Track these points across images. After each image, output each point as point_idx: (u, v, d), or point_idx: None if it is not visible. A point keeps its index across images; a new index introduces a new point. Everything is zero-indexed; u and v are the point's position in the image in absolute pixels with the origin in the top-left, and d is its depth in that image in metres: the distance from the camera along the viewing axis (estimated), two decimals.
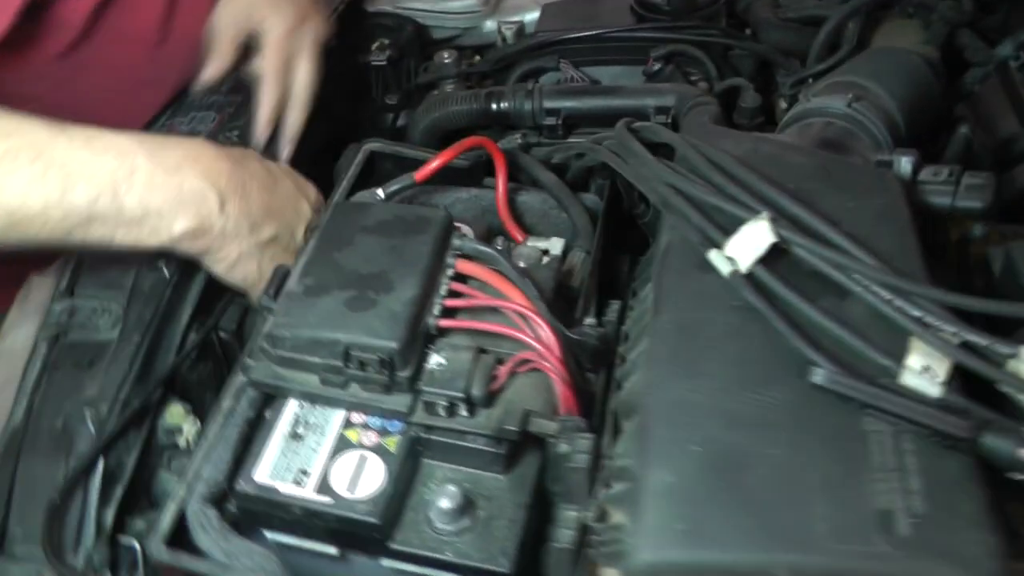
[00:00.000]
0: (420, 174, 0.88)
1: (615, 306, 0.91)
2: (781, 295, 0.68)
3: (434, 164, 0.88)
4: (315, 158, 1.17)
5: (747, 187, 0.74)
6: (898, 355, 0.64)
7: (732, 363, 0.66)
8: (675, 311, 0.70)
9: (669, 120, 1.02)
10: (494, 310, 0.77)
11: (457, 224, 0.87)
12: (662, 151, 0.84)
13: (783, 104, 1.09)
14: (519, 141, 1.09)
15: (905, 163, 0.82)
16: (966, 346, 0.63)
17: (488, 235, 0.91)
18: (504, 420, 0.71)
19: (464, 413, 0.72)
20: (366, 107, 1.26)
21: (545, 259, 0.87)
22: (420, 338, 0.73)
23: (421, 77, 1.21)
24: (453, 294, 0.77)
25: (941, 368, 0.63)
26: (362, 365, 0.71)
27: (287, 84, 1.04)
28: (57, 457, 0.70)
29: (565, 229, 0.99)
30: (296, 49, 1.04)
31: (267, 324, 0.74)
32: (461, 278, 0.79)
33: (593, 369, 0.79)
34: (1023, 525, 0.63)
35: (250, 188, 0.84)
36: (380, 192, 0.88)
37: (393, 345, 0.70)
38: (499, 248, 0.87)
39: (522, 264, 0.86)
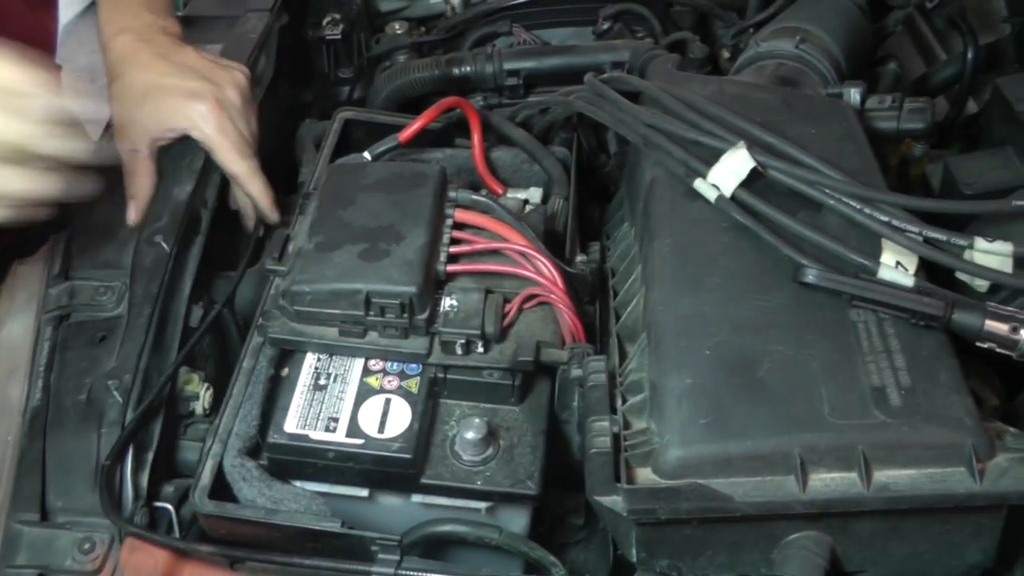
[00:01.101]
0: (404, 135, 0.91)
1: (595, 247, 0.97)
2: (764, 213, 0.74)
3: (417, 125, 0.91)
4: (270, 136, 1.18)
5: (721, 122, 0.81)
6: (873, 255, 0.71)
7: (730, 276, 0.72)
8: (670, 236, 0.76)
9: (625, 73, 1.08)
10: (493, 253, 0.81)
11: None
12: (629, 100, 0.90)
13: (726, 54, 1.16)
14: (481, 103, 1.13)
15: (854, 93, 0.90)
16: (929, 242, 0.71)
17: (471, 189, 0.95)
18: (518, 352, 0.76)
19: (480, 350, 0.76)
20: (316, 83, 1.27)
21: (528, 208, 0.92)
22: (432, 283, 0.77)
23: (374, 49, 1.23)
24: (455, 242, 0.81)
25: (911, 263, 0.71)
26: (382, 311, 0.74)
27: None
28: (87, 430, 0.71)
29: (538, 181, 1.03)
30: (238, 122, 0.93)
31: (283, 282, 0.77)
32: (459, 227, 0.83)
33: (590, 301, 0.84)
34: (984, 392, 0.72)
35: None
36: (367, 155, 0.90)
37: (412, 289, 0.73)
38: (484, 196, 0.92)
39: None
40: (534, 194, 0.95)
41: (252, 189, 0.92)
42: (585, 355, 0.76)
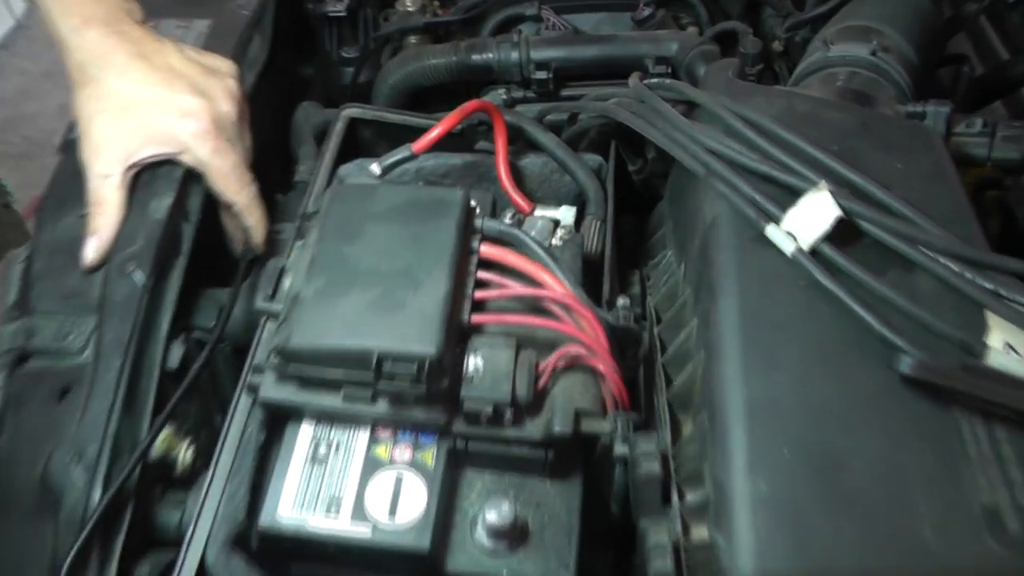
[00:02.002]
0: (419, 145, 0.78)
1: (635, 277, 0.86)
2: (851, 273, 0.63)
3: (434, 134, 0.78)
4: (265, 122, 1.05)
5: (798, 152, 0.69)
6: (975, 330, 0.61)
7: (809, 348, 0.61)
8: (737, 296, 0.64)
9: (669, 70, 0.95)
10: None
11: None
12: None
13: (778, 47, 1.03)
14: (503, 97, 1.00)
15: (938, 115, 0.78)
16: None
17: (493, 208, 0.83)
18: (553, 422, 0.65)
19: (509, 418, 0.65)
20: (317, 62, 1.14)
21: (560, 232, 0.80)
22: (454, 339, 0.65)
23: (382, 28, 1.10)
24: (481, 284, 0.69)
25: (1022, 343, 0.60)
26: (395, 376, 0.62)
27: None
28: (42, 519, 0.59)
29: (567, 193, 0.91)
30: (235, 142, 0.80)
31: (277, 334, 0.65)
32: (485, 263, 0.71)
33: (634, 356, 0.73)
34: None
35: None
36: (375, 167, 0.78)
37: (432, 351, 0.62)
38: (510, 221, 0.80)
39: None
40: (566, 214, 0.83)
41: (249, 221, 0.80)
42: (630, 424, 0.65)
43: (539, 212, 0.84)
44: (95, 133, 0.73)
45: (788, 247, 0.64)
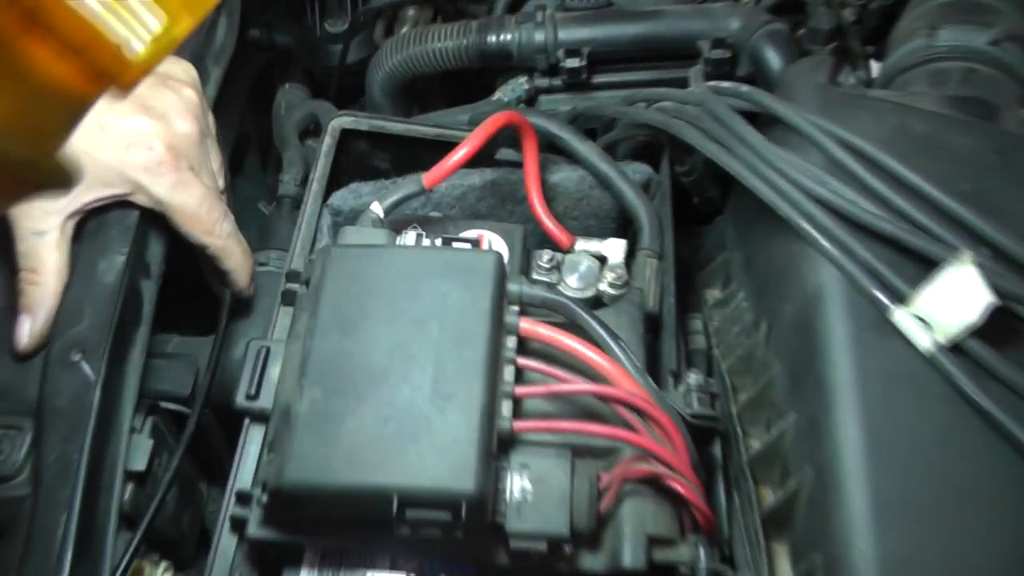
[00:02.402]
0: (431, 178, 0.62)
1: (697, 322, 0.71)
2: (1007, 379, 0.48)
3: (452, 161, 0.62)
4: (236, 111, 0.88)
5: (924, 198, 0.53)
6: None
7: (955, 492, 0.47)
8: (856, 407, 0.50)
9: (728, 54, 0.78)
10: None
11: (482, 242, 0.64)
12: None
13: (850, 16, 0.86)
14: (525, 87, 0.83)
15: None
16: None
17: (524, 244, 0.67)
18: (621, 553, 0.52)
19: (567, 550, 0.51)
20: (298, 35, 0.95)
21: (609, 276, 0.65)
22: (493, 457, 0.51)
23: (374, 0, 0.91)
24: (521, 375, 0.54)
25: None
26: (423, 524, 0.48)
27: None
28: None
29: (608, 211, 0.76)
30: (200, 169, 0.63)
31: (266, 467, 0.50)
32: (523, 343, 0.56)
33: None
34: None
35: None
36: (377, 210, 0.62)
37: (470, 489, 0.48)
38: (548, 265, 0.64)
39: (577, 286, 0.64)
40: (614, 249, 0.68)
41: (229, 264, 0.64)
42: (715, 552, 0.52)
43: (580, 245, 0.68)
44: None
45: (923, 341, 0.50)
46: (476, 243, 0.59)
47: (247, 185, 0.93)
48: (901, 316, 0.50)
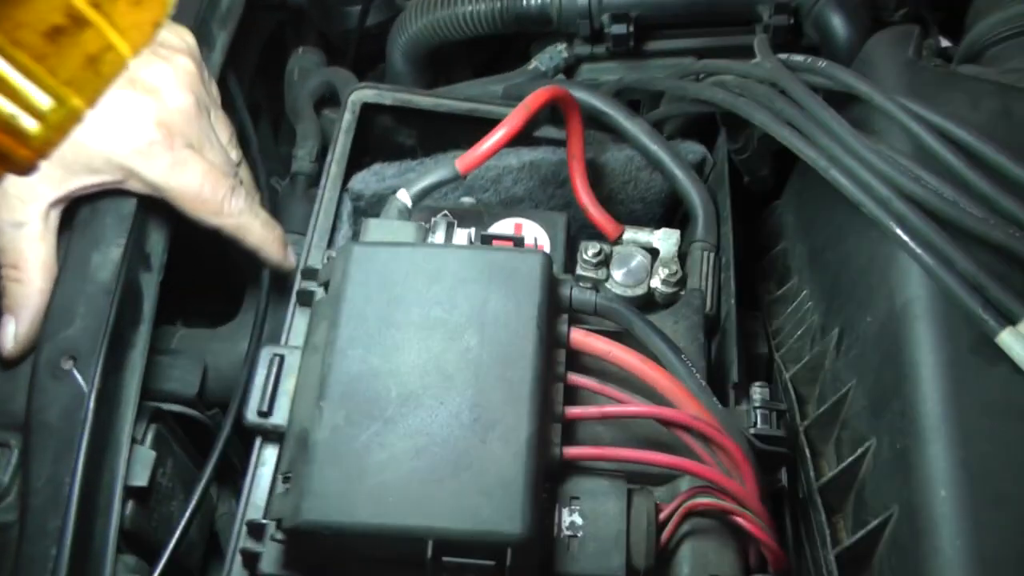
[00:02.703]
0: (466, 163, 0.55)
1: (758, 325, 0.64)
2: None
3: (488, 144, 0.55)
4: (247, 78, 0.81)
5: None
6: None
7: None
8: (955, 443, 0.43)
9: (791, 20, 0.70)
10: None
11: (528, 240, 0.57)
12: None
13: None
14: (564, 55, 0.75)
15: None
16: None
17: (568, 233, 0.60)
18: None
19: None
20: None
21: (662, 272, 0.58)
22: (543, 492, 0.45)
23: None
24: (571, 394, 0.48)
25: None
26: (461, 568, 0.42)
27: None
28: None
29: (657, 193, 0.69)
30: (202, 144, 0.56)
31: (282, 502, 0.44)
32: (573, 356, 0.50)
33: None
34: None
35: None
36: (404, 197, 0.55)
37: (517, 531, 0.42)
38: (594, 259, 0.58)
39: (626, 283, 0.58)
40: (666, 240, 0.61)
41: (250, 241, 0.58)
42: None
43: (629, 235, 0.61)
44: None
45: None
46: (520, 241, 0.52)
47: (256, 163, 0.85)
48: (1010, 338, 0.43)
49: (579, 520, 0.46)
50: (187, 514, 0.54)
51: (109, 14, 0.19)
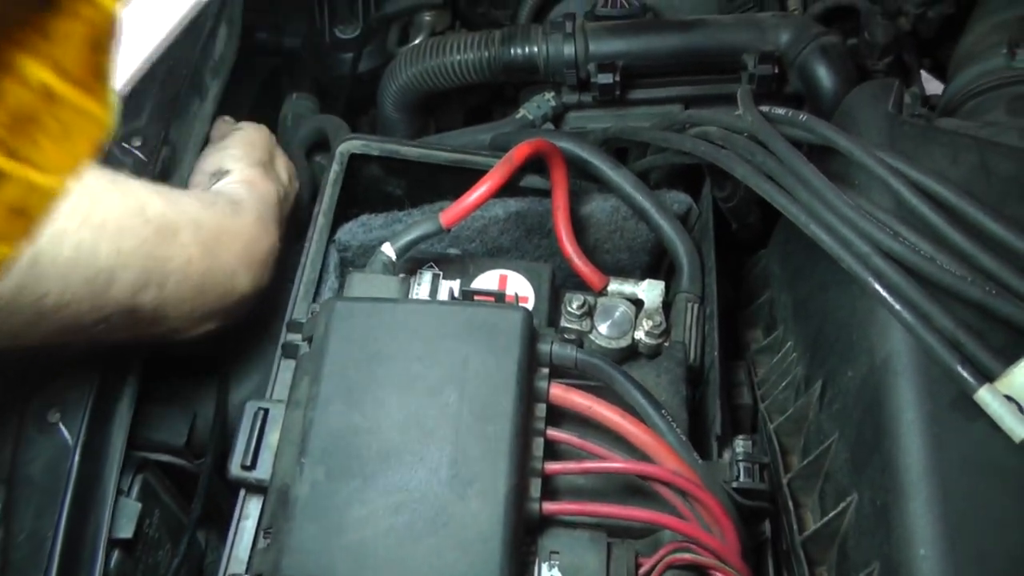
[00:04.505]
0: (449, 217, 0.55)
1: (742, 373, 0.65)
2: None
3: (472, 198, 0.55)
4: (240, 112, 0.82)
5: (1014, 256, 0.47)
6: None
7: None
8: (932, 499, 0.43)
9: (776, 70, 0.71)
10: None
11: (508, 293, 0.58)
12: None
13: (906, 25, 0.79)
14: (551, 104, 0.76)
15: None
16: None
17: (553, 283, 0.61)
18: None
19: None
20: (305, 40, 0.88)
21: (646, 323, 0.58)
22: (520, 547, 0.45)
23: (389, 4, 0.84)
24: (551, 449, 0.48)
25: None
26: None
27: None
28: None
29: (643, 243, 0.69)
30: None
31: (263, 557, 0.44)
32: (553, 412, 0.50)
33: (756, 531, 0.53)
34: None
35: None
36: (389, 251, 0.55)
37: None
38: (578, 311, 0.58)
39: (610, 335, 0.58)
40: (650, 291, 0.61)
41: None
42: None
43: (614, 286, 0.62)
44: None
45: (1015, 427, 0.43)
46: (501, 296, 0.52)
47: None
48: (988, 396, 0.44)
49: (559, 575, 0.46)
50: (173, 568, 0.54)
51: (30, 158, 0.18)
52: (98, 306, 0.46)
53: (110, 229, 0.46)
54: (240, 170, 0.61)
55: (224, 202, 0.57)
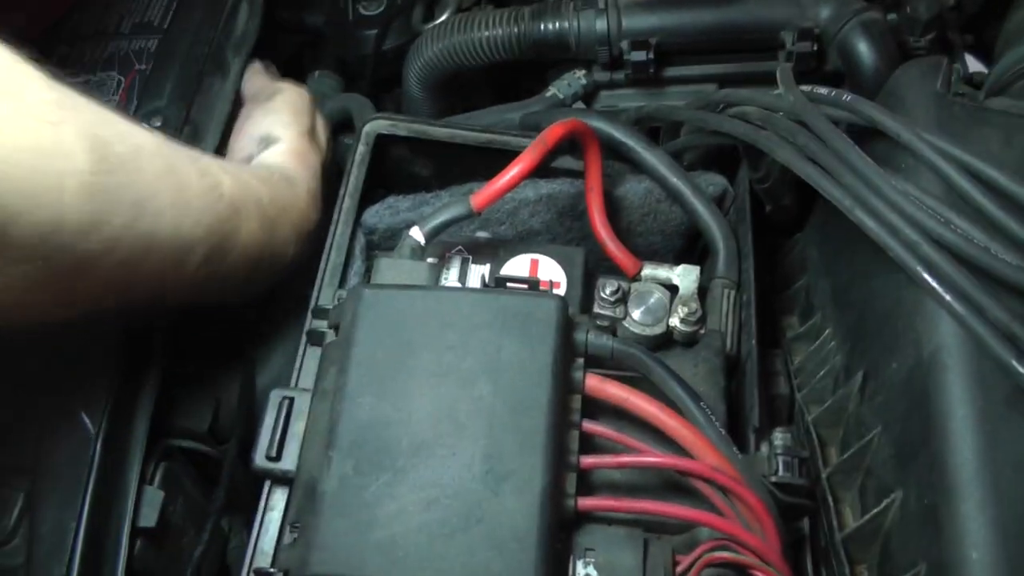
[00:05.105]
0: (480, 200, 0.54)
1: (778, 362, 0.63)
2: None
3: (504, 180, 0.54)
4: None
5: None
6: None
7: None
8: (985, 500, 0.41)
9: (815, 47, 0.69)
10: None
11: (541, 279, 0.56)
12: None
13: (947, 1, 0.75)
14: (582, 82, 0.74)
15: None
16: None
17: (586, 268, 0.59)
18: None
19: None
20: (327, 18, 0.86)
21: (681, 310, 0.57)
22: (556, 543, 0.43)
23: None
24: (588, 442, 0.47)
25: None
26: None
27: None
28: None
29: (677, 226, 0.67)
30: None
31: (289, 552, 0.43)
32: (589, 404, 0.48)
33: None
34: None
35: None
36: (418, 235, 0.54)
37: None
38: (612, 296, 0.56)
39: (644, 321, 0.56)
40: (685, 276, 0.59)
41: None
42: None
43: (648, 271, 0.60)
44: None
45: None
46: (535, 283, 0.51)
47: None
48: None
49: (594, 573, 0.45)
50: (196, 556, 0.53)
51: None
52: (167, 281, 0.48)
53: (194, 207, 0.47)
54: (290, 139, 0.61)
55: (279, 177, 0.57)
